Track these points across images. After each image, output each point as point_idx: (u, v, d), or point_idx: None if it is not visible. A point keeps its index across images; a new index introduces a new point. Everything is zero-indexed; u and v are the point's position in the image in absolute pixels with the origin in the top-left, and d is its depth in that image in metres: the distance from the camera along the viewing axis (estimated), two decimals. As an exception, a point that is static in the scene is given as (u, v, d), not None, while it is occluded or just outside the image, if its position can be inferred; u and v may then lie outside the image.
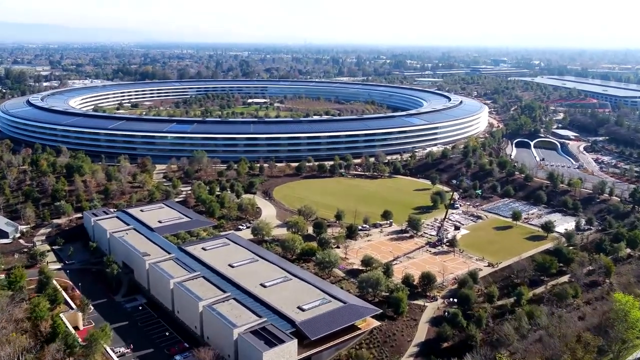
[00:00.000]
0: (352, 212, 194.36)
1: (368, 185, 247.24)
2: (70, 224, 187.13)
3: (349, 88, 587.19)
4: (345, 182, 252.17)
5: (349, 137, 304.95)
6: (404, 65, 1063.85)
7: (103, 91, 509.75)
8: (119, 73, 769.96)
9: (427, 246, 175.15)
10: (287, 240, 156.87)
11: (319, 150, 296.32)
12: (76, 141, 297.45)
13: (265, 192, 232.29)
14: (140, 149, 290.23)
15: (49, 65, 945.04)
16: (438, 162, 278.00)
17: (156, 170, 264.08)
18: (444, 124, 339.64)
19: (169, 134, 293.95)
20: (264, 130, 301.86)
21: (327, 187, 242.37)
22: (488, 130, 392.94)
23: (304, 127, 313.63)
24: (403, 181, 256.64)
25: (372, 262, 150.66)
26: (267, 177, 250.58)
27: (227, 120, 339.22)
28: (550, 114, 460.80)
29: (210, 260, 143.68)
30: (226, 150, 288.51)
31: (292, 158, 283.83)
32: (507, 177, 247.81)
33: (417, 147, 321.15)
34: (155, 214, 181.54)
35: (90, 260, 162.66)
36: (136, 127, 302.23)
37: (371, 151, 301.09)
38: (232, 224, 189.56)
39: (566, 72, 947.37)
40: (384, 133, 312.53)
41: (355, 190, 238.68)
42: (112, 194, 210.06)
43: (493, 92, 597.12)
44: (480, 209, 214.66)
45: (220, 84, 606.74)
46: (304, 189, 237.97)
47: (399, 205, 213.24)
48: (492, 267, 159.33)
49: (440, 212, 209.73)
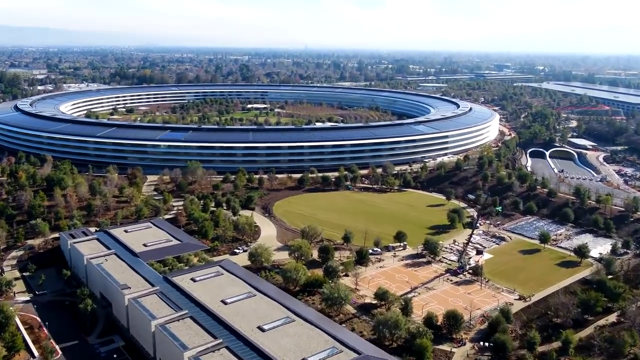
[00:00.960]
0: (361, 232, 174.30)
1: (377, 200, 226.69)
2: (45, 246, 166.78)
3: (352, 93, 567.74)
4: (352, 197, 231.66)
5: (354, 146, 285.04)
6: (407, 70, 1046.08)
7: (97, 96, 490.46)
8: (116, 77, 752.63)
9: (447, 274, 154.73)
10: (290, 269, 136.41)
11: (322, 160, 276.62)
12: (62, 149, 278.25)
13: (265, 207, 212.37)
14: (131, 158, 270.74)
15: (46, 68, 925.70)
16: (451, 174, 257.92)
17: (147, 181, 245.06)
18: (455, 133, 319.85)
19: (162, 143, 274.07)
20: (264, 139, 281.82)
21: (332, 202, 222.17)
22: (499, 138, 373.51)
23: (307, 136, 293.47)
24: (414, 195, 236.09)
25: (387, 296, 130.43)
26: (266, 191, 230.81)
27: (224, 128, 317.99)
28: (563, 122, 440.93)
29: (201, 295, 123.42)
30: (223, 161, 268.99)
31: (294, 169, 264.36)
32: (528, 192, 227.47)
33: (427, 157, 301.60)
34: (140, 236, 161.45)
35: (65, 291, 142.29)
36: (127, 135, 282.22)
37: (378, 161, 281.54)
38: (227, 246, 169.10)
39: (572, 78, 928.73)
40: (391, 142, 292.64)
41: (363, 206, 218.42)
42: (96, 211, 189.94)
43: (501, 98, 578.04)
44: (503, 229, 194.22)
45: (219, 88, 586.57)
46: (306, 205, 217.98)
47: (412, 224, 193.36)
48: (525, 300, 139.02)
49: (458, 232, 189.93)
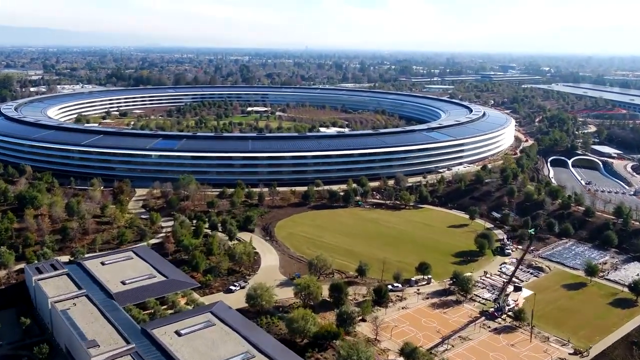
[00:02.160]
0: (377, 260, 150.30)
1: (391, 220, 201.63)
2: (8, 281, 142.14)
3: (356, 96, 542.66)
4: (363, 215, 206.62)
5: (363, 156, 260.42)
6: (410, 71, 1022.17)
7: (89, 98, 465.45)
8: (112, 78, 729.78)
9: (482, 317, 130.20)
10: (296, 319, 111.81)
11: (328, 171, 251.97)
12: (44, 159, 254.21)
13: (266, 228, 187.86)
14: (119, 169, 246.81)
15: (43, 69, 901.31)
16: (472, 187, 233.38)
17: (135, 196, 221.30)
18: (471, 140, 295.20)
19: (153, 153, 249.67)
20: (265, 148, 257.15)
21: (341, 222, 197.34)
22: (514, 145, 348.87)
23: (311, 144, 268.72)
24: (433, 213, 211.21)
25: (417, 354, 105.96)
26: (267, 208, 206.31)
27: (221, 136, 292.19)
28: (580, 126, 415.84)
29: (186, 356, 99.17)
30: (220, 172, 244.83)
31: (298, 181, 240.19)
32: (561, 210, 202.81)
33: (441, 168, 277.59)
34: (119, 270, 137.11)
35: (25, 342, 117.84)
36: (115, 144, 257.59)
37: (389, 172, 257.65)
38: (222, 281, 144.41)
39: (581, 80, 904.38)
40: (404, 151, 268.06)
41: (376, 226, 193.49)
42: (72, 235, 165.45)
43: (511, 101, 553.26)
44: (538, 256, 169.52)
45: (217, 90, 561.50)
46: (312, 225, 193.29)
47: (433, 250, 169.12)
48: (582, 356, 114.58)
49: (488, 260, 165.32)
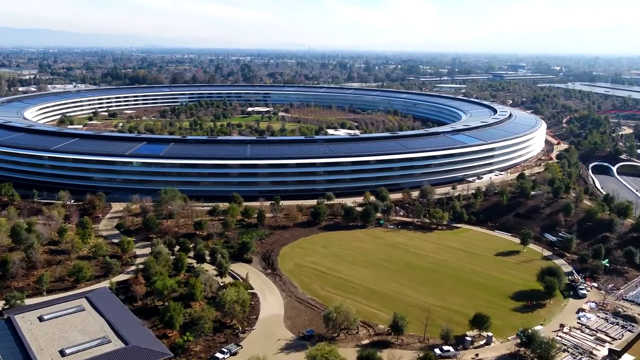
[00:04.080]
0: (411, 305, 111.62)
1: (423, 245, 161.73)
2: None
3: (365, 95, 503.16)
4: (388, 239, 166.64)
5: (381, 162, 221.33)
6: (417, 71, 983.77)
7: (76, 98, 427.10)
8: (108, 77, 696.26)
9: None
10: None
11: (340, 181, 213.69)
12: (9, 167, 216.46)
13: (267, 257, 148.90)
14: (96, 179, 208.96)
15: (38, 68, 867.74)
16: (515, 201, 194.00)
17: (111, 212, 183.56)
18: (502, 144, 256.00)
19: (134, 160, 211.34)
20: (266, 154, 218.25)
21: (361, 249, 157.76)
22: (546, 149, 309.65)
23: (320, 149, 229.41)
24: (473, 236, 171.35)
25: None
26: (269, 230, 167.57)
27: (215, 140, 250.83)
28: (615, 128, 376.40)
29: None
30: (213, 183, 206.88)
31: (304, 193, 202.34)
32: (633, 233, 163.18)
33: (469, 176, 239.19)
34: (62, 329, 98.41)
35: None
36: (92, 149, 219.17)
37: (410, 182, 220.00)
38: (206, 343, 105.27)
39: (597, 79, 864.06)
40: (428, 157, 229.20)
41: (405, 254, 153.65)
42: (13, 272, 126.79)
43: (532, 101, 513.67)
44: (621, 298, 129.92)
45: (216, 89, 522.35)
46: (325, 253, 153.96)
47: (484, 289, 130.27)
48: None
49: (558, 304, 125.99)
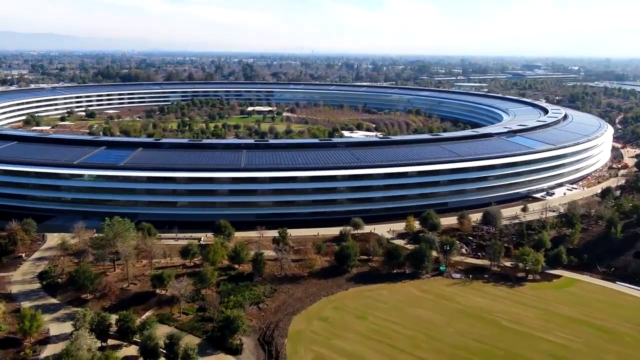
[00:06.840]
0: None
1: (520, 315, 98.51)
2: None
3: (380, 93, 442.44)
4: (460, 301, 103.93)
5: (425, 174, 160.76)
6: (429, 71, 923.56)
7: (50, 95, 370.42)
8: (98, 76, 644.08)
9: None
10: None
11: (371, 201, 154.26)
12: None
13: (267, 339, 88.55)
14: (34, 198, 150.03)
15: (29, 69, 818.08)
16: (630, 233, 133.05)
17: (42, 247, 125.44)
18: (575, 149, 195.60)
19: (85, 172, 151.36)
20: (267, 163, 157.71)
21: (420, 322, 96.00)
22: (613, 154, 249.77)
23: (338, 157, 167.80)
24: (586, 291, 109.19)
25: None
26: (271, 285, 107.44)
27: (199, 144, 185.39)
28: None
29: None
30: (193, 204, 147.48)
31: (321, 217, 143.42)
32: None
33: (534, 191, 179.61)
34: None
35: None
36: (30, 156, 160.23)
37: (461, 200, 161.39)
38: None
39: (624, 78, 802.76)
40: (485, 166, 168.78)
41: (501, 336, 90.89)
42: None
43: (570, 99, 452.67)
44: None
45: (213, 87, 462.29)
46: (365, 331, 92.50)
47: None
48: None
49: None
